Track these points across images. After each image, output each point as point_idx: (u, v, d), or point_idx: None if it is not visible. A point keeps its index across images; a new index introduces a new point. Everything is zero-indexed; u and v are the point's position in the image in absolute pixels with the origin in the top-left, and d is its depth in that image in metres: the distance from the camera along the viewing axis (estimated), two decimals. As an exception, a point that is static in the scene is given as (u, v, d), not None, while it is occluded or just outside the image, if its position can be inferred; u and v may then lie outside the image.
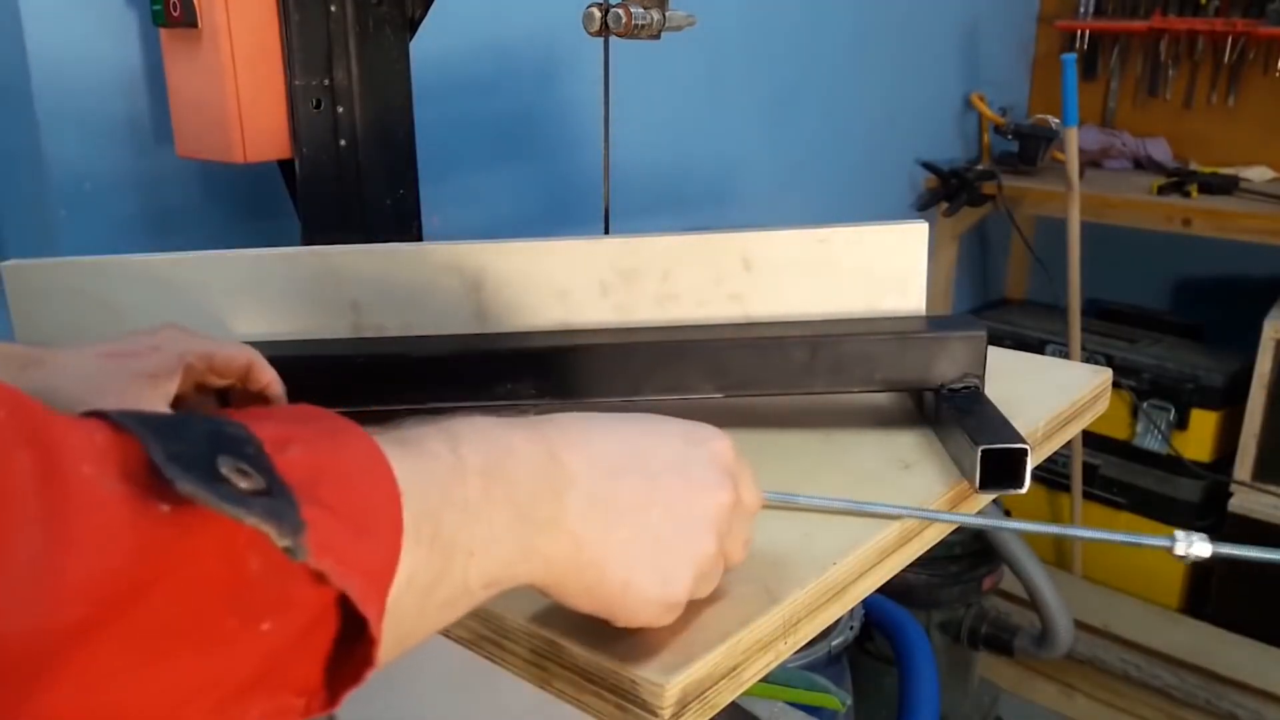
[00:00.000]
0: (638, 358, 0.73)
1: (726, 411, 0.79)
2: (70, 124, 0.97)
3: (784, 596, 0.54)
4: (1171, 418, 2.12)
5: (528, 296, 0.77)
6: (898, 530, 0.62)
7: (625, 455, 0.45)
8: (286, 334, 0.78)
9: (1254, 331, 1.93)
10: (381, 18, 0.94)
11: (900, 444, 0.73)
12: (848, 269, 0.76)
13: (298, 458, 0.32)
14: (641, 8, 0.92)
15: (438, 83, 1.21)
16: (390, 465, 0.35)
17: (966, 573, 1.73)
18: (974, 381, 0.73)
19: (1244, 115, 2.31)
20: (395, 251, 0.78)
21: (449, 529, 0.36)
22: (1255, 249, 2.06)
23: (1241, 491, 2.00)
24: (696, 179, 1.72)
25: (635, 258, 0.76)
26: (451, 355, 0.74)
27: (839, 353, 0.72)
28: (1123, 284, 2.47)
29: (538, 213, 1.45)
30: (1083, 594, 2.13)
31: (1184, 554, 0.58)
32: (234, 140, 0.89)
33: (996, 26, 2.38)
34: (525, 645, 0.53)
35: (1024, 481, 0.64)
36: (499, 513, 0.39)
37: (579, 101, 1.43)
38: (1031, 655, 1.78)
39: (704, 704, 0.49)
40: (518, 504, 0.39)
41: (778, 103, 1.84)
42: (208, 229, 1.08)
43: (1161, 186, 2.11)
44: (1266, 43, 2.22)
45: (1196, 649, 1.94)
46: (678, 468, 0.46)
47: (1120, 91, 2.47)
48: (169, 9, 0.86)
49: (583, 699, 0.51)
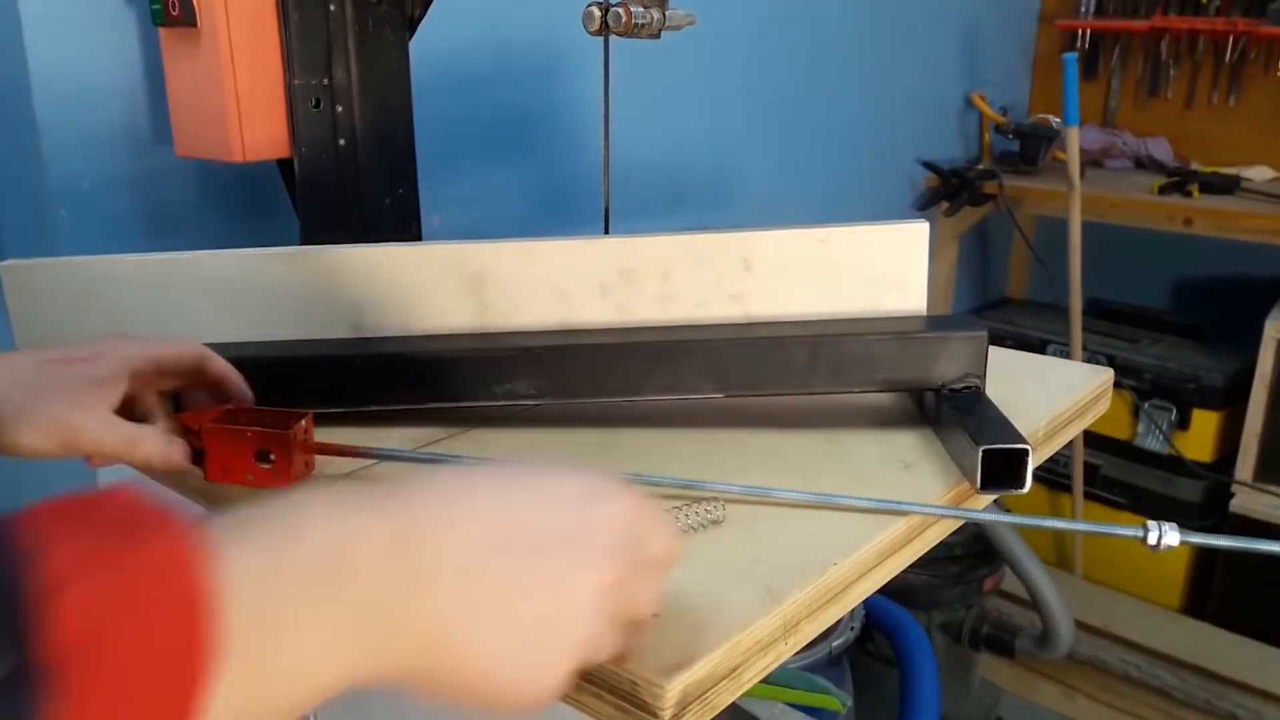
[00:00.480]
0: (638, 358, 0.73)
1: (727, 411, 0.79)
2: (69, 123, 0.97)
3: (784, 597, 0.54)
4: (1173, 418, 2.11)
5: (528, 296, 0.77)
6: (898, 531, 0.62)
7: (500, 531, 0.39)
8: (286, 334, 0.78)
9: (1255, 331, 1.92)
10: (381, 17, 0.94)
11: (901, 444, 0.73)
12: (848, 269, 0.75)
13: (80, 602, 0.27)
14: (641, 7, 0.92)
15: (437, 82, 1.21)
16: (202, 583, 0.30)
17: (967, 573, 1.73)
18: (975, 381, 0.72)
19: (1245, 115, 2.31)
20: (395, 251, 0.78)
21: (273, 642, 0.32)
22: (1256, 249, 2.06)
23: (1243, 492, 1.99)
24: (696, 179, 1.71)
25: (635, 258, 0.76)
26: (451, 355, 0.74)
27: (839, 353, 0.72)
28: (1124, 284, 2.47)
29: (538, 213, 1.45)
30: (1084, 594, 2.12)
31: (1155, 543, 0.59)
32: (233, 140, 0.89)
33: (997, 26, 2.38)
34: (524, 646, 0.53)
35: (1025, 482, 0.64)
36: (335, 614, 0.34)
37: (579, 101, 1.43)
38: (1032, 656, 1.77)
39: (704, 705, 0.49)
40: (359, 603, 0.35)
41: (778, 102, 1.84)
42: (207, 229, 1.08)
43: (1162, 186, 2.10)
44: (1267, 42, 2.21)
45: (1197, 649, 1.94)
46: (561, 542, 0.40)
47: (1121, 91, 2.47)
48: (168, 8, 0.86)
49: (583, 700, 0.50)
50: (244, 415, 0.68)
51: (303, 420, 0.66)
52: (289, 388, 0.74)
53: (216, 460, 0.66)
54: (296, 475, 0.66)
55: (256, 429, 0.65)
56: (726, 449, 0.73)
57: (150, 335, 0.65)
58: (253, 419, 0.68)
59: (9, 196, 1.02)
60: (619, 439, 0.75)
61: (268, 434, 0.65)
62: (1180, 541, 0.59)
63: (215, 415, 0.67)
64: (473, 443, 0.75)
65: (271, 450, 0.65)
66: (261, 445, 0.65)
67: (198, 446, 0.66)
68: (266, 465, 0.65)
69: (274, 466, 0.65)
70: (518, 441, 0.75)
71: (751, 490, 0.64)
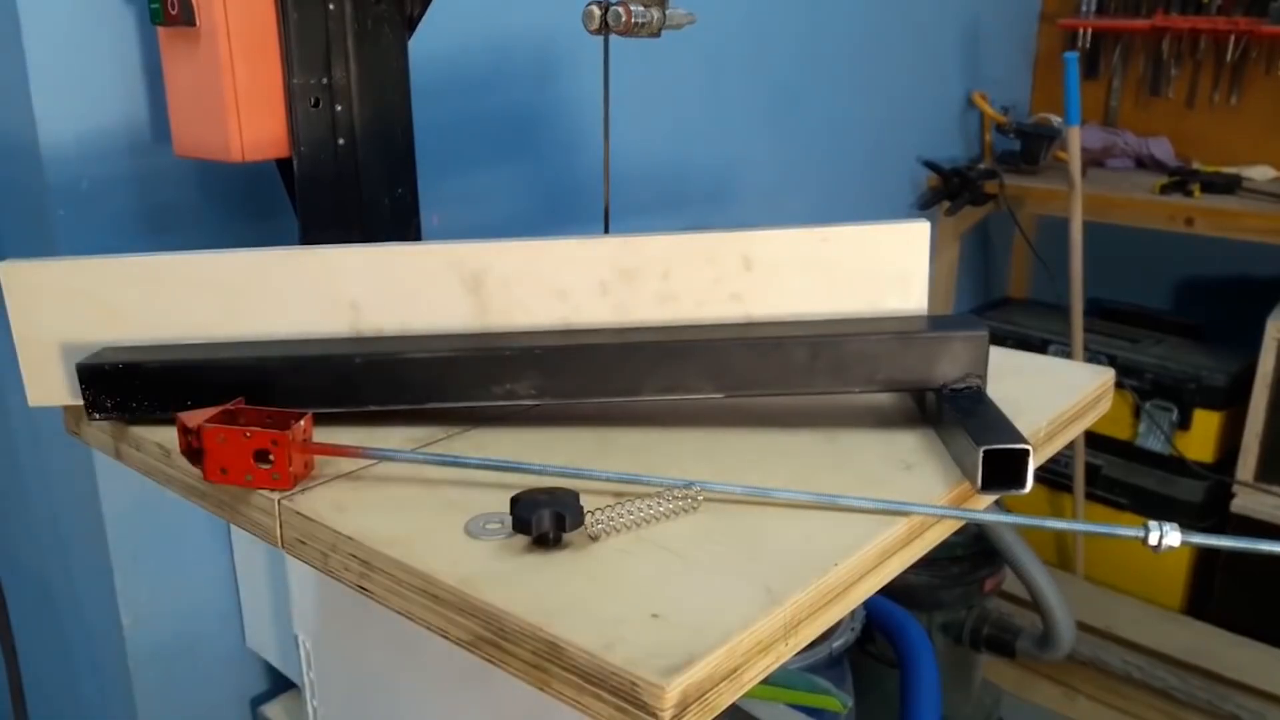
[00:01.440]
0: (638, 357, 0.72)
1: (726, 411, 0.79)
2: (68, 123, 0.97)
3: (785, 598, 0.53)
4: (1174, 418, 2.11)
5: (527, 296, 0.77)
6: (898, 531, 0.62)
7: None
8: (285, 334, 0.78)
9: (1256, 331, 1.92)
10: (380, 16, 0.94)
11: (902, 444, 0.73)
12: (849, 268, 0.75)
13: None
14: (641, 6, 0.92)
15: (436, 81, 1.21)
16: None
17: (968, 574, 1.73)
18: (976, 381, 0.72)
19: (1246, 114, 2.31)
20: (394, 251, 0.78)
21: None
22: (1258, 248, 2.06)
23: (1244, 492, 1.99)
24: (696, 178, 1.71)
25: (635, 257, 0.76)
26: (451, 355, 0.74)
27: (840, 353, 0.72)
28: (1125, 283, 2.47)
29: (538, 212, 1.45)
30: (1085, 595, 2.12)
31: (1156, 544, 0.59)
32: (232, 139, 0.88)
33: (998, 25, 2.38)
34: (525, 647, 0.53)
35: (1026, 482, 0.64)
36: None
37: (579, 100, 1.43)
38: (1033, 656, 1.77)
39: (704, 706, 0.49)
40: None
41: (778, 101, 1.84)
42: (205, 228, 1.08)
43: (1164, 186, 2.10)
44: (1269, 42, 2.21)
45: (1199, 650, 1.94)
46: None
47: (1122, 90, 2.47)
48: (166, 8, 0.86)
49: (583, 701, 0.50)
50: (243, 415, 0.68)
51: (302, 420, 0.66)
52: (289, 388, 0.74)
53: (215, 460, 0.65)
54: (296, 475, 0.66)
55: (255, 429, 0.65)
56: (726, 449, 0.73)
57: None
58: (252, 419, 0.67)
59: (7, 196, 1.02)
60: (618, 439, 0.75)
61: (267, 434, 0.65)
62: (1181, 542, 0.59)
63: (214, 415, 0.67)
64: (472, 443, 0.74)
65: (271, 450, 0.65)
66: (260, 445, 0.65)
67: (196, 446, 0.66)
68: (265, 465, 0.65)
69: (273, 466, 0.65)
70: (517, 442, 0.75)
71: (751, 490, 0.64)
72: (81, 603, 1.19)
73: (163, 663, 1.18)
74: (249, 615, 1.22)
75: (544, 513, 0.58)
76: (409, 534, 0.61)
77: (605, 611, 0.52)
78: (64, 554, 1.19)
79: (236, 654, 1.25)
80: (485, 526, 0.62)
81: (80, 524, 1.13)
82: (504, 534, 0.61)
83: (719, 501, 0.64)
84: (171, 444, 0.69)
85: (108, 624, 1.15)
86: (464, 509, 0.64)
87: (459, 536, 0.61)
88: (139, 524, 1.11)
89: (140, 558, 1.12)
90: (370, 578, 0.61)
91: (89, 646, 1.22)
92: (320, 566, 0.65)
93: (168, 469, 0.75)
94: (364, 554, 0.61)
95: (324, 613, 1.02)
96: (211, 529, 1.17)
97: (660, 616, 0.52)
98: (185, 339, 0.78)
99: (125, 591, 1.12)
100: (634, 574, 0.56)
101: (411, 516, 0.63)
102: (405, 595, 0.59)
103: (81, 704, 1.28)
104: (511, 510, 0.59)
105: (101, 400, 0.76)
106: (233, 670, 1.25)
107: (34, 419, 1.12)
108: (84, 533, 1.12)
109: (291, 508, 0.65)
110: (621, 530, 0.61)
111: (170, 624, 1.17)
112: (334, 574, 0.64)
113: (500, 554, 0.59)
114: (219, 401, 0.69)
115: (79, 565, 1.17)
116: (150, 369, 0.75)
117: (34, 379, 0.79)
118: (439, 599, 0.57)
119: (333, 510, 0.64)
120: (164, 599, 1.16)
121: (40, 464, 1.17)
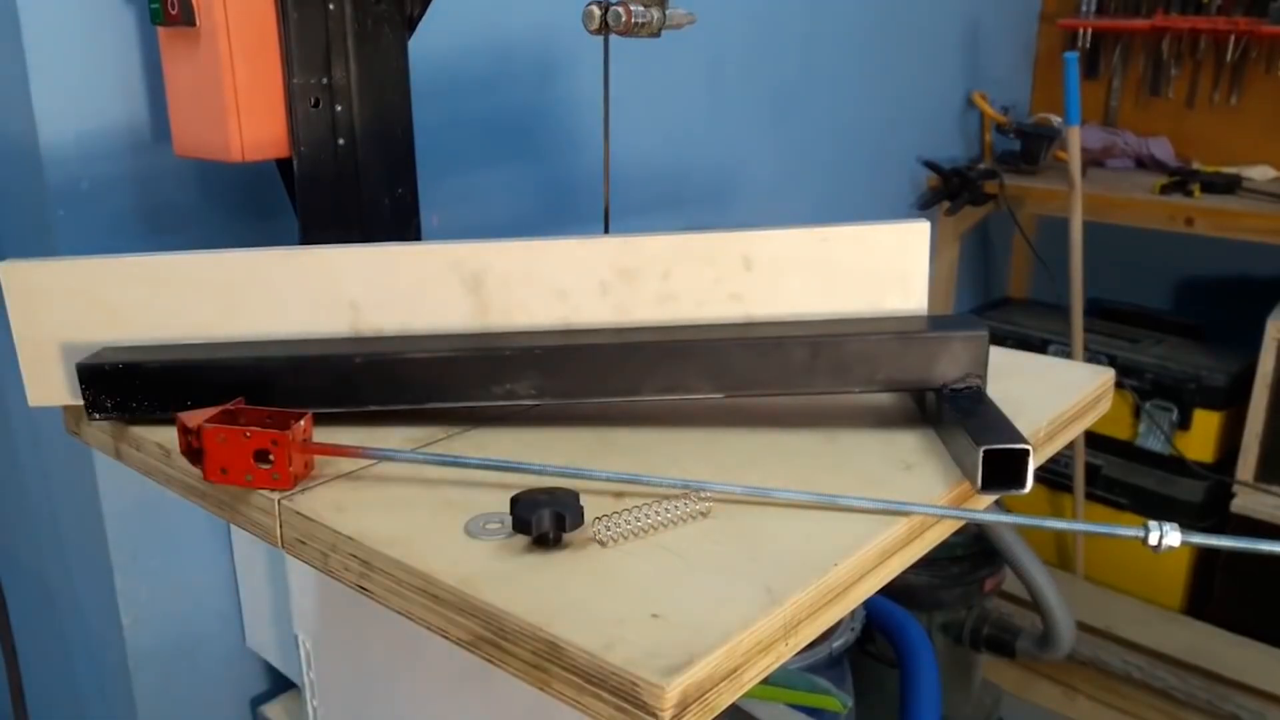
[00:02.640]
0: (638, 357, 0.72)
1: (726, 411, 0.79)
2: (68, 123, 0.97)
3: (785, 598, 0.53)
4: (1174, 418, 2.11)
5: (527, 296, 0.77)
6: (898, 531, 0.62)
7: None
8: (285, 334, 0.78)
9: (1256, 331, 1.92)
10: (380, 16, 0.94)
11: (902, 444, 0.73)
12: (849, 268, 0.75)
13: None
14: (641, 5, 0.92)
15: (436, 81, 1.21)
16: None
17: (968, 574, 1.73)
18: (976, 381, 0.72)
19: (1246, 114, 2.31)
20: (394, 251, 0.78)
21: None
22: (1258, 248, 2.05)
23: (1244, 492, 1.99)
24: (696, 178, 1.71)
25: (635, 257, 0.76)
26: (451, 355, 0.74)
27: (840, 353, 0.72)
28: (1125, 283, 2.47)
29: (538, 212, 1.45)
30: (1085, 595, 2.12)
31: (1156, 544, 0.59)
32: (232, 139, 0.88)
33: (998, 25, 2.38)
34: (525, 647, 0.53)
35: (1026, 482, 0.64)
36: None
37: (579, 100, 1.43)
38: (1033, 656, 1.77)
39: (704, 706, 0.49)
40: None
41: (778, 101, 1.84)
42: (205, 228, 1.08)
43: (1164, 186, 2.10)
44: (1269, 42, 2.21)
45: (1199, 650, 1.94)
46: None
47: (1122, 90, 2.47)
48: (166, 8, 0.86)
49: (583, 701, 0.50)
50: (243, 415, 0.68)
51: (302, 420, 0.66)
52: (289, 388, 0.74)
53: (215, 460, 0.65)
54: (296, 475, 0.66)
55: (255, 429, 0.65)
56: (726, 449, 0.73)
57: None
58: (252, 419, 0.67)
59: (7, 196, 1.02)
60: (618, 439, 0.75)
61: (266, 434, 0.65)
62: (1181, 542, 0.59)
63: (214, 415, 0.67)
64: (472, 443, 0.74)
65: (271, 450, 0.65)
66: (260, 445, 0.65)
67: (196, 446, 0.66)
68: (265, 465, 0.65)
69: (273, 466, 0.65)
70: (517, 442, 0.75)
71: (751, 490, 0.64)
72: (81, 603, 1.19)
73: (163, 663, 1.18)
74: (249, 615, 1.22)
75: (544, 513, 0.58)
76: (409, 534, 0.61)
77: (605, 611, 0.52)
78: (64, 554, 1.19)
79: (236, 654, 1.25)
80: (485, 526, 0.62)
81: (80, 524, 1.13)
82: (504, 534, 0.61)
83: (719, 501, 0.64)
84: (171, 444, 0.69)
85: (108, 624, 1.15)
86: (464, 509, 0.64)
87: (459, 536, 0.61)
88: (139, 524, 1.11)
89: (140, 558, 1.12)
90: (370, 578, 0.61)
91: (89, 646, 1.22)
92: (320, 566, 0.65)
93: (168, 469, 0.75)
94: (364, 554, 0.61)
95: (324, 613, 1.02)
96: (211, 529, 1.17)
97: (660, 616, 0.52)
98: (185, 339, 0.78)
99: (125, 591, 1.12)
100: (634, 574, 0.56)
101: (411, 516, 0.63)
102: (405, 595, 0.59)
103: (81, 704, 1.28)
104: (511, 510, 0.59)
105: (101, 400, 0.76)
106: (233, 670, 1.25)
107: (34, 419, 1.12)
108: (84, 532, 1.12)
109: (291, 508, 0.65)
110: (630, 538, 0.60)
111: (170, 624, 1.17)
112: (334, 574, 0.64)
113: (500, 554, 0.59)
114: (219, 401, 0.69)
115: (79, 565, 1.17)
116: (150, 369, 0.75)
117: (34, 379, 0.79)
118: (439, 599, 0.57)
119: (333, 510, 0.64)
120: (164, 599, 1.16)
121: (40, 464, 1.17)
